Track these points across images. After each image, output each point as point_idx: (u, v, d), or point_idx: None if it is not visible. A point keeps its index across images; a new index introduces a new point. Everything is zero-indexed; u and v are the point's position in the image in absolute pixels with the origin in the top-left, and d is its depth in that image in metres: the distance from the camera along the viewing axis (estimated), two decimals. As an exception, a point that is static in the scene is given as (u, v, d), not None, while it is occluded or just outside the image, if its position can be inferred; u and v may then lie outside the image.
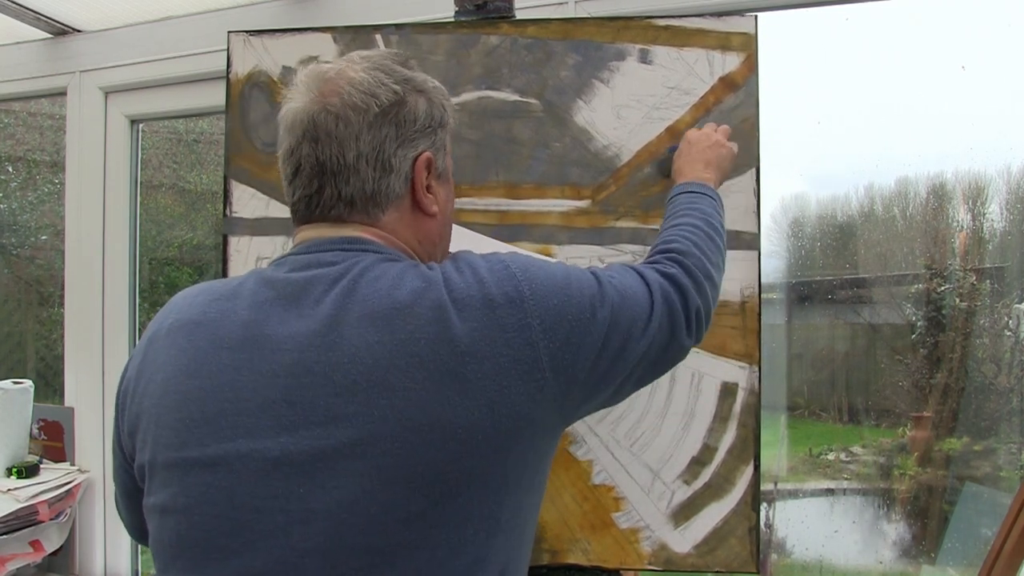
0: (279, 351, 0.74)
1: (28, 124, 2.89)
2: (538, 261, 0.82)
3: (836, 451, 2.43)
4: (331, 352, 0.72)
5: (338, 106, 0.80)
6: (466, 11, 1.35)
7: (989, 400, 2.17)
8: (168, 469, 0.76)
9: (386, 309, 0.73)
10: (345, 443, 0.70)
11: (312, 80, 0.82)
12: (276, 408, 0.72)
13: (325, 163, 0.80)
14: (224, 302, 0.80)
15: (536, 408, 0.75)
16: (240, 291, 0.80)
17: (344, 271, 0.77)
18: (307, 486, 0.70)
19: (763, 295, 1.28)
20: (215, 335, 0.77)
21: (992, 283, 2.15)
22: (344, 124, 0.80)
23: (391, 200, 0.83)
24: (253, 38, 1.39)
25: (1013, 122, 1.89)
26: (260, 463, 0.72)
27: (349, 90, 0.80)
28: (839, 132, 2.06)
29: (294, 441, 0.71)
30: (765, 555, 2.25)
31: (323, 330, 0.73)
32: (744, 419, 1.25)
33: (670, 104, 1.29)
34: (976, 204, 2.13)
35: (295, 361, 0.73)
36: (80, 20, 2.09)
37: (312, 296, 0.76)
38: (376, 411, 0.70)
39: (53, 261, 2.84)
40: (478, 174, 1.32)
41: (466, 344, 0.72)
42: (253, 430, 0.73)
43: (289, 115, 0.82)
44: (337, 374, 0.71)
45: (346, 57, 0.85)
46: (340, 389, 0.71)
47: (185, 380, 0.77)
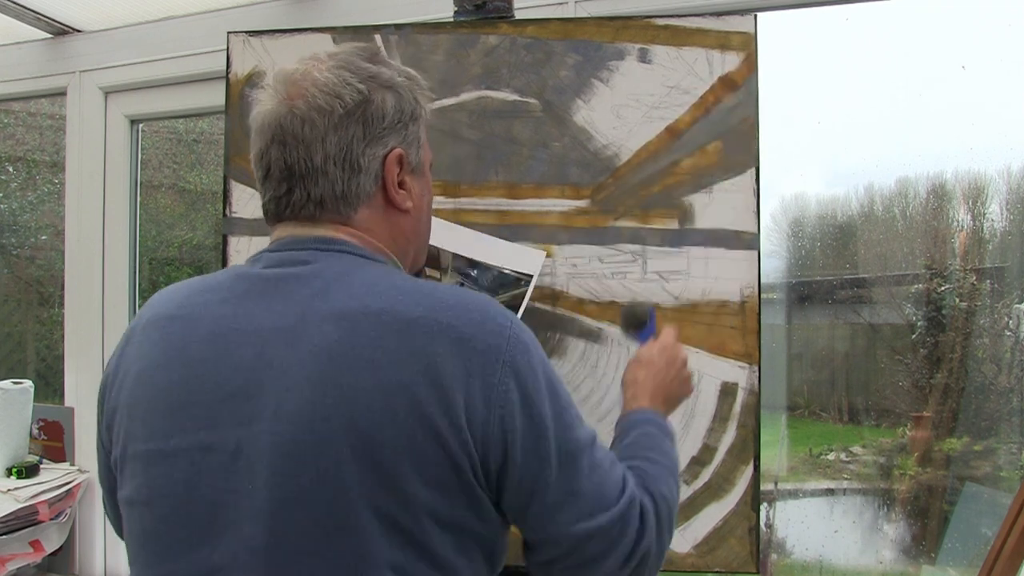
0: (245, 345, 0.74)
1: (28, 124, 2.89)
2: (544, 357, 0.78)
3: (836, 451, 2.43)
4: (291, 348, 0.72)
5: (303, 109, 0.80)
6: (465, 11, 1.35)
7: (989, 400, 2.16)
8: (135, 461, 0.77)
9: (355, 311, 0.73)
10: (290, 441, 0.70)
11: (279, 82, 0.82)
12: (236, 401, 0.72)
13: (293, 166, 0.80)
14: (199, 296, 0.81)
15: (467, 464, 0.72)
16: (216, 286, 0.81)
17: (318, 271, 0.77)
18: (256, 483, 0.70)
19: (763, 295, 1.28)
20: (187, 328, 0.78)
21: (992, 283, 2.15)
22: (310, 127, 0.79)
23: (361, 199, 0.82)
24: (252, 38, 1.39)
25: (1013, 122, 1.89)
26: (219, 456, 0.72)
27: (313, 92, 0.80)
28: (839, 132, 2.06)
29: (249, 436, 0.71)
30: (765, 555, 2.25)
31: (288, 326, 0.73)
32: (744, 419, 1.25)
33: (670, 104, 1.29)
34: (976, 204, 2.13)
35: (257, 356, 0.73)
36: (80, 20, 2.09)
37: (283, 293, 0.76)
38: (322, 411, 0.70)
39: (53, 261, 2.84)
40: (478, 174, 1.32)
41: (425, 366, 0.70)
42: (214, 422, 0.73)
43: (259, 118, 0.83)
44: (293, 369, 0.71)
45: (313, 56, 0.84)
46: (291, 385, 0.71)
47: (156, 372, 0.77)
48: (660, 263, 1.27)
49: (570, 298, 1.29)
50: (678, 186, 1.28)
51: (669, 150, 1.28)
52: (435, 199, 1.32)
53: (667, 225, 1.28)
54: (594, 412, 1.26)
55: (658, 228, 1.28)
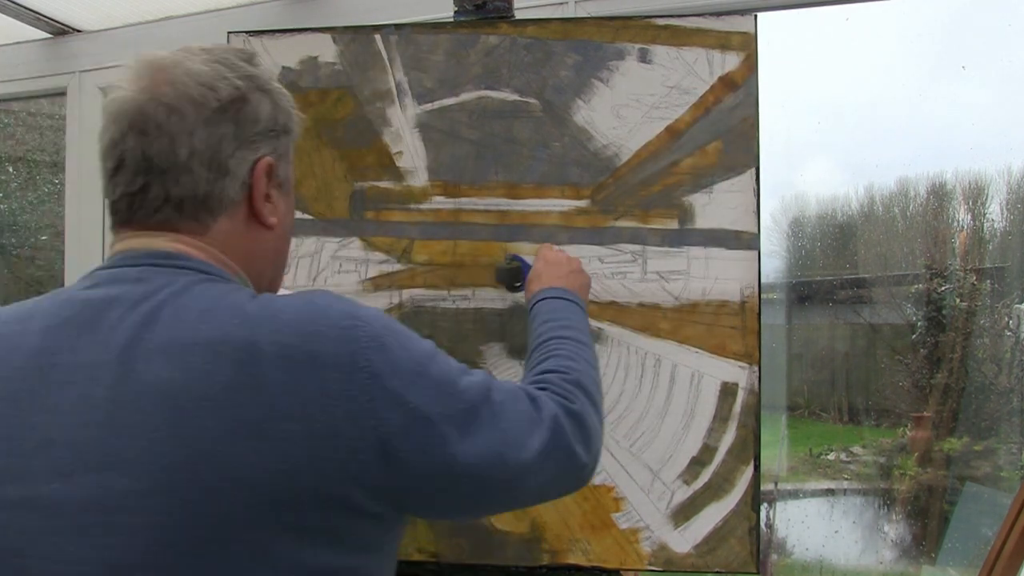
0: (66, 384, 0.64)
1: (28, 124, 2.89)
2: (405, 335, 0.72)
3: (836, 451, 2.43)
4: (119, 387, 0.63)
5: (171, 96, 0.71)
6: (465, 11, 1.35)
7: (989, 400, 2.16)
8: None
9: (188, 343, 0.64)
10: (121, 493, 0.60)
11: (144, 68, 0.73)
12: (54, 449, 0.62)
13: (152, 158, 0.71)
14: (13, 325, 0.70)
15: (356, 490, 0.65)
16: (37, 312, 0.70)
17: (148, 293, 0.68)
18: (77, 542, 0.60)
19: (763, 295, 1.28)
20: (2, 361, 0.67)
21: (992, 283, 2.15)
22: (178, 117, 0.71)
23: (224, 207, 0.74)
24: (253, 38, 1.39)
25: (1013, 122, 1.89)
26: (29, 514, 0.61)
27: (185, 80, 0.72)
28: (839, 132, 2.06)
29: (67, 490, 0.61)
30: (765, 555, 2.25)
31: (115, 361, 0.64)
32: (744, 419, 1.25)
33: (670, 103, 1.29)
34: (976, 204, 2.13)
35: (80, 396, 0.63)
36: (80, 20, 2.09)
37: (108, 320, 0.66)
38: (159, 459, 0.60)
39: (53, 261, 2.84)
40: (478, 174, 1.32)
41: (274, 396, 0.62)
42: (25, 474, 0.62)
43: (114, 104, 0.73)
44: (122, 412, 0.62)
45: (184, 48, 0.76)
46: (122, 431, 0.61)
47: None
48: (660, 263, 1.27)
49: (570, 298, 1.29)
50: (678, 186, 1.28)
51: (669, 150, 1.28)
52: (436, 199, 1.32)
53: (667, 225, 1.28)
54: (594, 412, 1.26)
55: (658, 228, 1.28)
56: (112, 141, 0.73)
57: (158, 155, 0.71)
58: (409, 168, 1.33)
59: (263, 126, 0.76)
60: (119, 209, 0.74)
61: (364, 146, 1.34)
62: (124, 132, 0.72)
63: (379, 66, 1.34)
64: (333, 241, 1.34)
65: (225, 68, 0.74)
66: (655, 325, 1.26)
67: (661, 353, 1.26)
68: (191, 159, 0.71)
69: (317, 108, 1.34)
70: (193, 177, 0.72)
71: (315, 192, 1.34)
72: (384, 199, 1.33)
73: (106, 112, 0.74)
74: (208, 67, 0.73)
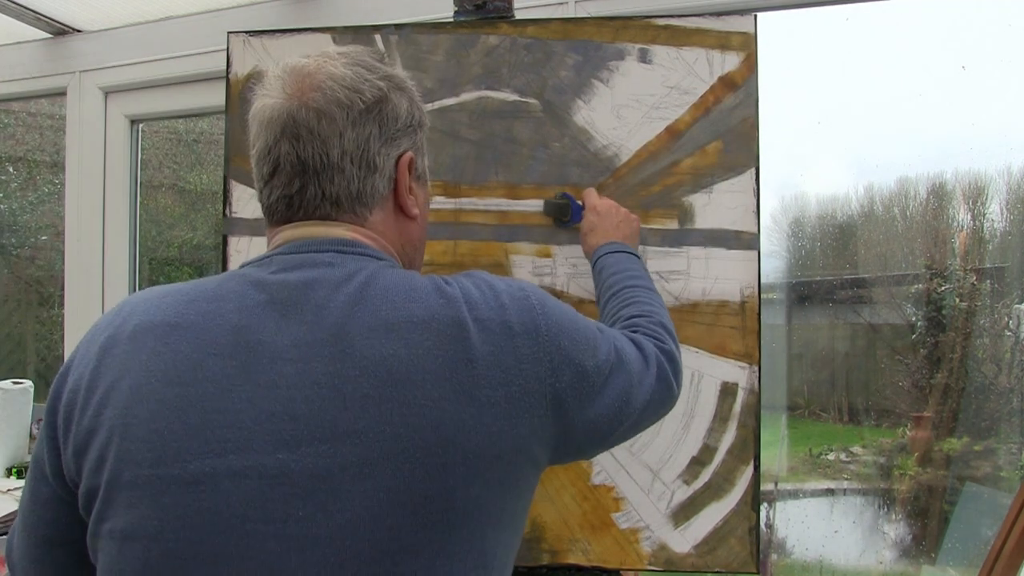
0: (279, 360, 0.68)
1: (28, 124, 2.89)
2: (553, 298, 0.80)
3: (836, 451, 2.43)
4: (340, 363, 0.68)
5: (320, 102, 0.76)
6: (465, 11, 1.35)
7: (989, 400, 2.17)
8: (136, 488, 0.67)
9: (402, 321, 0.70)
10: (354, 461, 0.65)
11: (289, 76, 0.78)
12: (275, 422, 0.67)
13: (307, 161, 0.76)
14: (205, 304, 0.73)
15: (536, 444, 0.73)
16: (223, 293, 0.74)
17: (347, 275, 0.73)
18: (308, 509, 0.65)
19: (763, 295, 1.28)
20: (200, 339, 0.70)
21: (992, 283, 2.15)
22: (328, 121, 0.76)
23: (376, 200, 0.80)
24: (253, 39, 1.39)
25: (1013, 122, 1.89)
26: (255, 482, 0.65)
27: (332, 85, 0.77)
28: (839, 132, 2.06)
29: (295, 458, 0.65)
30: (765, 555, 2.25)
31: (330, 339, 0.69)
32: (744, 419, 1.25)
33: (669, 104, 1.29)
34: (976, 204, 2.13)
35: (299, 371, 0.68)
36: (80, 20, 2.09)
37: (313, 301, 0.71)
38: (389, 428, 0.66)
39: (53, 261, 2.84)
40: (478, 174, 1.32)
41: (483, 367, 0.70)
42: (246, 445, 0.66)
43: (265, 112, 0.78)
44: (347, 387, 0.67)
45: (323, 53, 0.81)
46: (350, 403, 0.66)
47: (163, 388, 0.69)
48: (660, 263, 1.28)
49: (570, 298, 1.29)
50: (678, 186, 1.28)
51: (669, 150, 1.28)
52: (435, 199, 1.32)
53: (667, 225, 1.28)
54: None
55: (658, 228, 1.28)
56: (266, 147, 0.78)
57: (312, 157, 0.76)
58: (409, 168, 1.33)
59: (403, 123, 0.81)
60: (277, 209, 0.79)
61: (364, 146, 1.34)
62: (277, 138, 0.77)
63: (379, 66, 1.34)
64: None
65: (365, 70, 0.79)
66: (655, 325, 1.26)
67: (661, 353, 1.26)
68: (343, 159, 0.77)
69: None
70: (345, 176, 0.77)
71: (315, 192, 1.34)
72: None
73: (256, 120, 0.79)
74: (350, 70, 0.78)
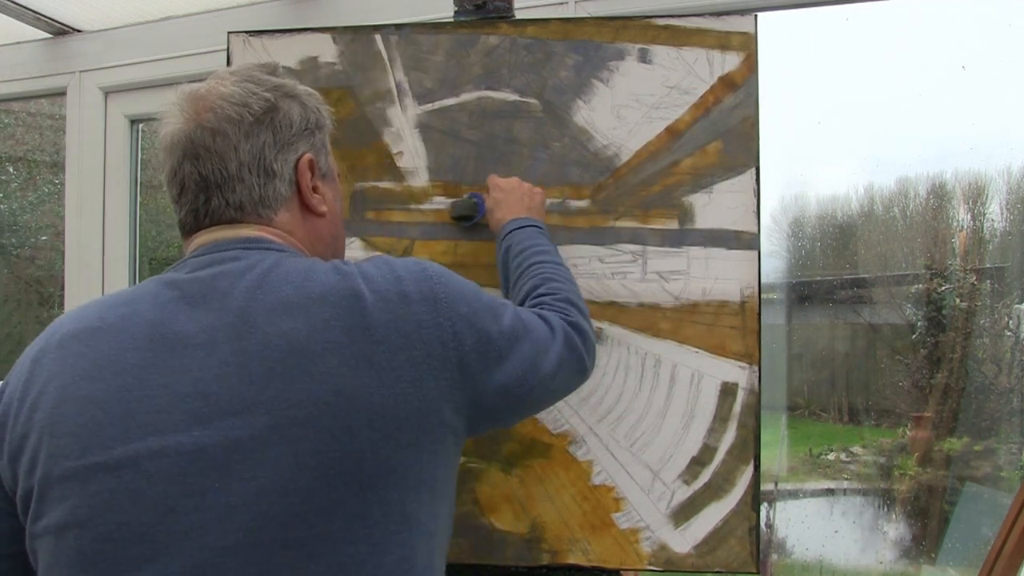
0: (190, 346, 0.73)
1: (28, 124, 2.89)
2: (455, 274, 0.85)
3: (836, 451, 2.43)
4: (244, 341, 0.72)
5: (213, 121, 0.81)
6: (465, 11, 1.35)
7: (989, 400, 2.17)
8: (66, 481, 0.71)
9: (300, 298, 0.74)
10: (263, 431, 0.69)
11: (185, 101, 0.83)
12: (188, 402, 0.71)
13: (208, 177, 0.82)
14: (123, 307, 0.78)
15: (447, 407, 0.77)
16: (139, 296, 0.79)
17: (250, 266, 0.78)
18: (223, 479, 0.69)
19: (763, 295, 1.28)
20: (117, 338, 0.75)
21: (992, 283, 2.15)
22: (221, 137, 0.81)
23: (280, 202, 0.85)
24: (253, 39, 1.39)
25: (1013, 122, 1.89)
26: (172, 460, 0.69)
27: (221, 104, 0.82)
28: (839, 132, 2.06)
29: (208, 434, 0.70)
30: (765, 555, 2.25)
31: (235, 322, 0.73)
32: (744, 419, 1.25)
33: (670, 104, 1.29)
34: (976, 204, 2.13)
35: (208, 354, 0.72)
36: (80, 20, 2.09)
37: (218, 291, 0.76)
38: (293, 396, 0.70)
39: (53, 261, 2.84)
40: (478, 174, 1.32)
41: (381, 333, 0.74)
42: (163, 426, 0.70)
43: (167, 138, 0.83)
44: (252, 362, 0.71)
45: (214, 75, 0.87)
46: (255, 377, 0.71)
47: (86, 384, 0.73)
48: (660, 263, 1.28)
49: (570, 298, 1.29)
50: (678, 186, 1.28)
51: (669, 150, 1.28)
52: (436, 199, 1.32)
53: (667, 225, 1.28)
54: (594, 412, 1.26)
55: (658, 228, 1.28)
56: (172, 171, 0.84)
57: (212, 173, 0.82)
58: (410, 168, 1.33)
59: (297, 127, 0.86)
60: (188, 222, 0.85)
61: (364, 146, 1.34)
62: (180, 160, 0.83)
63: (379, 66, 1.34)
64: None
65: (253, 84, 0.84)
66: (655, 325, 1.27)
67: (661, 353, 1.26)
68: (240, 170, 0.82)
69: (317, 108, 1.34)
70: (246, 185, 0.83)
71: (315, 192, 1.34)
72: (385, 199, 1.33)
73: (162, 147, 0.85)
74: (238, 87, 0.83)
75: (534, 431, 1.27)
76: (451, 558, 1.27)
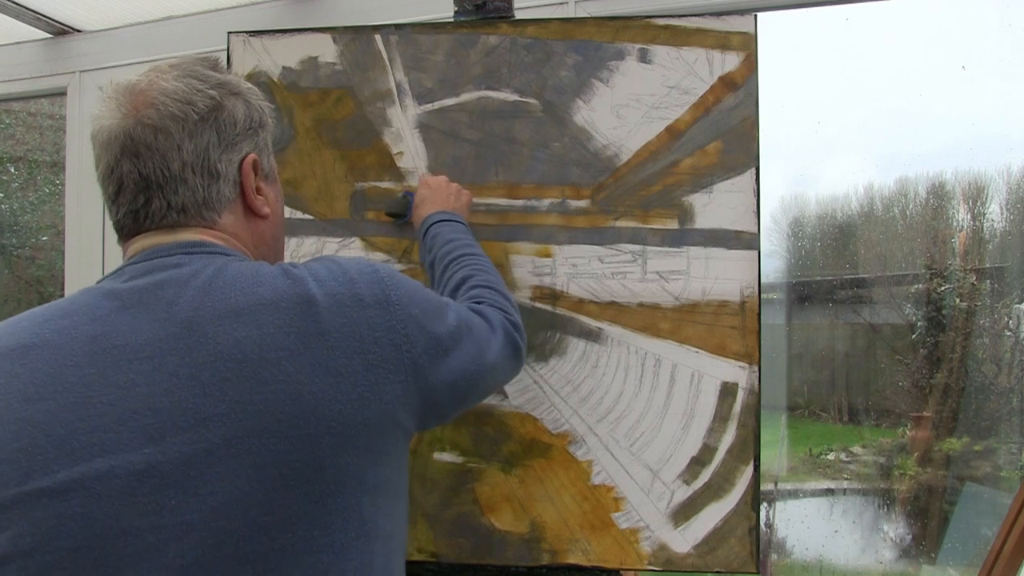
0: (135, 360, 0.70)
1: (28, 124, 2.89)
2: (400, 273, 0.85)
3: (836, 451, 2.43)
4: (194, 352, 0.69)
5: (155, 118, 0.78)
6: (465, 11, 1.35)
7: (989, 400, 2.17)
8: (5, 510, 0.66)
9: (251, 304, 0.72)
10: (218, 444, 0.67)
11: (123, 95, 0.79)
12: (138, 419, 0.67)
13: (149, 177, 0.78)
14: (59, 320, 0.73)
15: (401, 410, 0.77)
16: (75, 308, 0.75)
17: (194, 272, 0.75)
18: (179, 497, 0.66)
19: (763, 295, 1.28)
20: (56, 355, 0.71)
21: (992, 283, 2.15)
22: (164, 135, 0.78)
23: (224, 204, 0.82)
24: (253, 39, 1.39)
25: (1013, 122, 1.89)
26: (124, 480, 0.66)
27: (164, 100, 0.78)
28: (839, 132, 2.06)
29: (161, 450, 0.66)
30: (765, 555, 2.25)
31: (183, 332, 0.70)
32: (744, 419, 1.25)
33: (670, 104, 1.29)
34: (976, 204, 2.13)
35: (156, 367, 0.69)
36: (80, 20, 2.09)
37: (163, 300, 0.73)
38: (249, 406, 0.68)
39: (53, 261, 2.84)
40: (478, 174, 1.32)
41: (337, 338, 0.73)
42: (112, 446, 0.67)
43: (103, 133, 0.79)
44: (204, 373, 0.68)
45: (154, 67, 0.82)
46: (209, 389, 0.68)
47: (24, 406, 0.68)
48: (660, 263, 1.28)
49: (570, 298, 1.29)
50: (678, 186, 1.28)
51: (669, 150, 1.28)
52: (435, 199, 1.32)
53: (667, 225, 1.28)
54: (594, 412, 1.26)
55: (658, 228, 1.28)
56: (108, 168, 0.79)
57: (153, 172, 0.78)
58: (410, 168, 1.33)
59: (241, 127, 0.83)
60: (126, 224, 0.80)
61: (365, 146, 1.34)
62: (118, 158, 0.78)
63: (379, 66, 1.34)
64: (334, 241, 1.34)
65: (197, 80, 0.80)
66: (655, 325, 1.27)
67: (661, 353, 1.26)
68: (184, 170, 0.79)
69: (317, 108, 1.34)
70: (189, 186, 0.79)
71: (316, 192, 1.34)
72: (385, 199, 1.33)
73: (96, 141, 0.80)
74: (181, 83, 0.79)
75: (534, 431, 1.27)
76: (451, 558, 1.27)
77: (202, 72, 0.82)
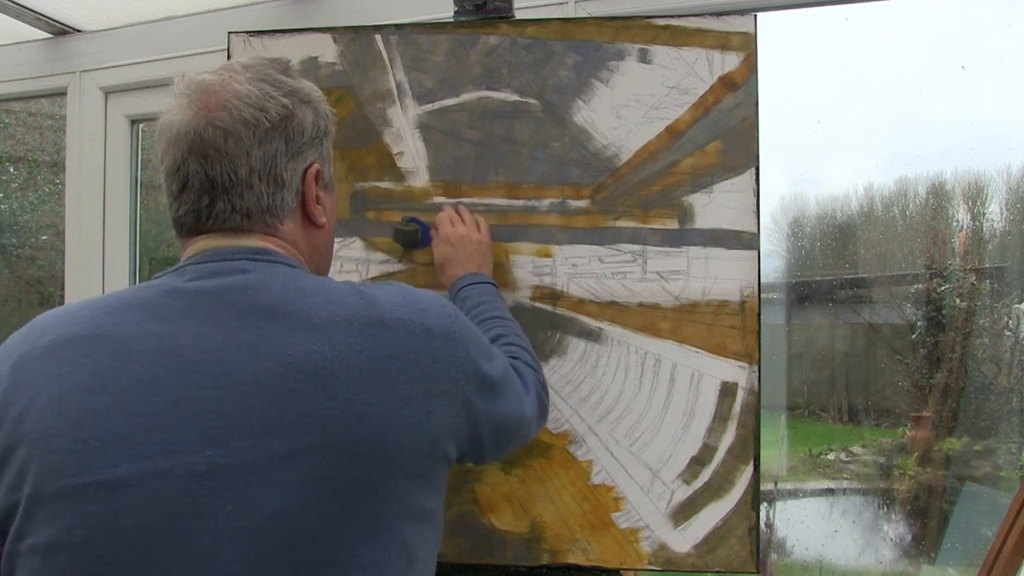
0: (202, 363, 0.70)
1: (28, 124, 2.89)
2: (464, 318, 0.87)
3: (836, 451, 2.43)
4: (263, 361, 0.70)
5: (227, 121, 0.77)
6: (465, 11, 1.35)
7: (989, 400, 2.17)
8: (60, 499, 0.66)
9: (324, 320, 0.73)
10: (281, 454, 0.67)
11: (195, 92, 0.79)
12: (202, 421, 0.68)
13: (215, 179, 0.78)
14: (120, 315, 0.74)
15: (450, 441, 0.78)
16: (135, 303, 0.75)
17: (262, 281, 0.75)
18: (237, 502, 0.66)
19: (763, 295, 1.28)
20: (119, 349, 0.71)
21: (992, 283, 2.15)
22: (235, 140, 0.77)
23: (286, 212, 0.82)
24: (253, 39, 1.39)
25: (1013, 122, 1.89)
26: (183, 480, 0.66)
27: (237, 103, 0.78)
28: (839, 132, 2.06)
29: (223, 454, 0.67)
30: (765, 555, 2.25)
31: (254, 340, 0.71)
32: (744, 419, 1.25)
33: (669, 104, 1.29)
34: (976, 204, 2.13)
35: (222, 372, 0.69)
36: (80, 20, 2.09)
37: (231, 305, 0.73)
38: (314, 420, 0.69)
39: (53, 261, 2.84)
40: (478, 174, 1.32)
41: (403, 364, 0.74)
42: (174, 445, 0.67)
43: (172, 128, 0.79)
44: (272, 383, 0.69)
45: (226, 66, 0.82)
46: (275, 398, 0.69)
47: (87, 397, 0.69)
48: (660, 263, 1.28)
49: (570, 298, 1.29)
50: (678, 186, 1.28)
51: (669, 150, 1.28)
52: (437, 199, 1.32)
53: (667, 225, 1.28)
54: (594, 412, 1.26)
55: (658, 228, 1.28)
56: (175, 164, 0.79)
57: (220, 175, 0.78)
58: (410, 168, 1.33)
59: (308, 136, 0.83)
60: (187, 222, 0.81)
61: (365, 146, 1.34)
62: (185, 156, 0.78)
63: (379, 66, 1.34)
64: (334, 241, 1.34)
65: (270, 87, 0.80)
66: (655, 325, 1.27)
67: (661, 353, 1.26)
68: (251, 176, 0.79)
69: (317, 108, 1.34)
70: (255, 192, 0.79)
71: (315, 192, 1.34)
72: (385, 199, 1.33)
73: (164, 137, 0.80)
74: (255, 87, 0.79)
75: (534, 431, 1.27)
76: (451, 558, 1.27)
77: (275, 77, 0.82)
